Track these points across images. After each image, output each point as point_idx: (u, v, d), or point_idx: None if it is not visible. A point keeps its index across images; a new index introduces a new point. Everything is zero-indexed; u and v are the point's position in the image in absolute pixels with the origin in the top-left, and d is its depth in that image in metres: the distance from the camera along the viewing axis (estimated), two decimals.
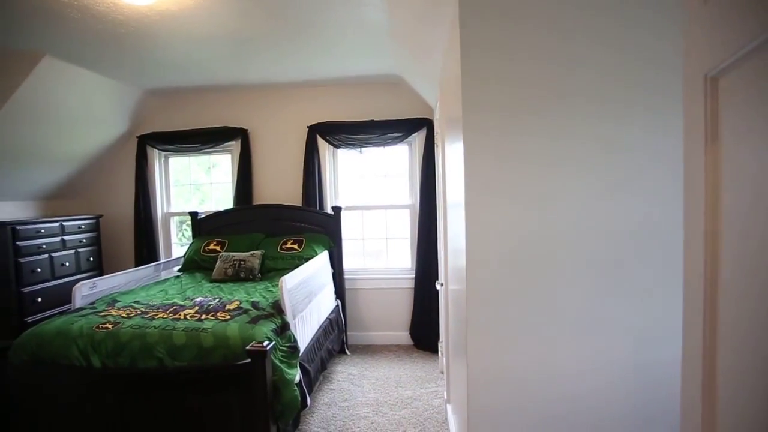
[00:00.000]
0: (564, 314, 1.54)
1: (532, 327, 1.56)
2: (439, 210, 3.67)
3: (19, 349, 2.49)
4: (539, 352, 1.56)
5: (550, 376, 1.56)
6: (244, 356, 2.26)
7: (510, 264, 1.55)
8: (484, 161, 1.54)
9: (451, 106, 2.11)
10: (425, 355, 4.27)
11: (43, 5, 2.52)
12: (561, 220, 1.53)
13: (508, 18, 1.50)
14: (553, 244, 1.53)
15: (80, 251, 4.30)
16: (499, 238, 1.55)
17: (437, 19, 2.06)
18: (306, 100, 4.57)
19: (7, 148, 3.69)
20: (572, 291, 1.54)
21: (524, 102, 1.51)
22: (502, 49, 1.51)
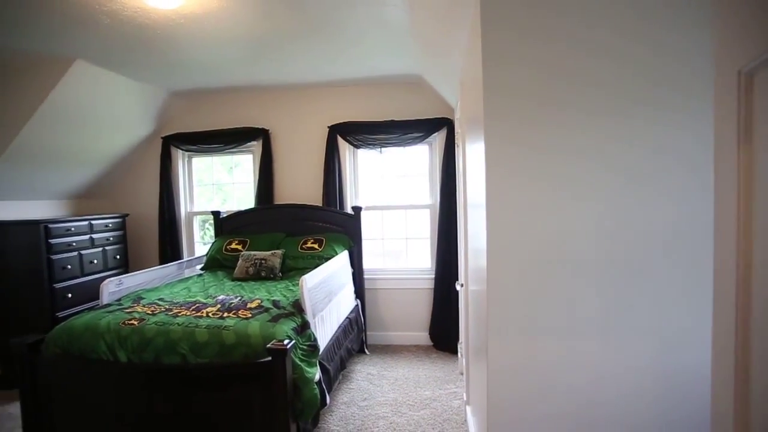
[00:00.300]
0: (586, 316, 1.52)
1: (554, 329, 1.54)
2: (460, 210, 3.65)
3: (51, 343, 2.57)
4: (561, 355, 1.54)
5: (572, 379, 1.53)
6: (264, 354, 2.29)
7: (531, 264, 1.53)
8: (506, 161, 1.53)
9: (472, 105, 2.09)
10: (444, 356, 4.25)
11: (76, 12, 2.60)
12: (583, 221, 1.50)
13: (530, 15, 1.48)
14: (575, 245, 1.51)
15: (107, 249, 4.42)
16: (520, 239, 1.53)
17: (458, 18, 2.04)
18: (327, 101, 4.60)
19: (41, 149, 3.81)
20: (595, 293, 1.51)
21: (547, 101, 1.49)
22: (524, 48, 1.49)
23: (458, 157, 3.66)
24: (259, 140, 4.69)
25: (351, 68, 3.95)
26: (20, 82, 3.52)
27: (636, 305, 1.50)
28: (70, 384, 2.48)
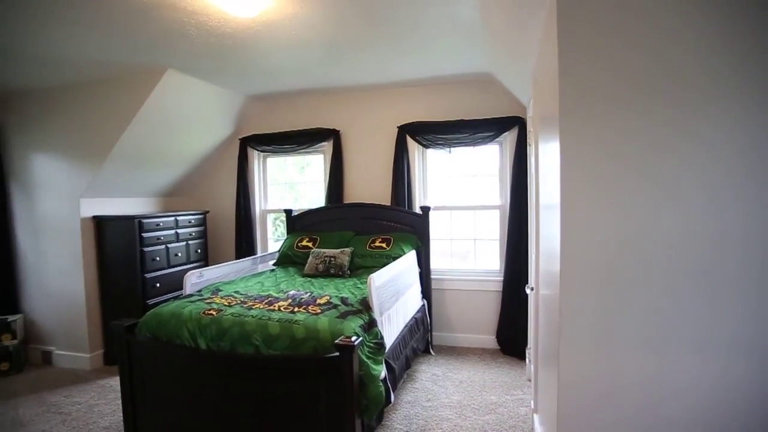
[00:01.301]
0: (672, 328, 1.40)
1: (633, 340, 1.44)
2: (531, 212, 3.53)
3: (143, 327, 2.81)
4: (640, 368, 1.44)
5: (652, 394, 1.43)
6: (332, 349, 2.35)
7: (609, 270, 1.45)
8: (582, 161, 1.45)
9: (546, 103, 2.02)
10: (511, 361, 4.14)
11: (167, 26, 2.83)
12: (670, 224, 1.39)
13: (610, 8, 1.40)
14: (659, 250, 1.40)
15: (190, 243, 4.76)
16: (598, 242, 1.45)
17: (532, 13, 1.98)
18: (396, 101, 4.63)
19: (136, 152, 4.19)
20: (683, 303, 1.39)
21: (627, 99, 1.40)
22: (603, 41, 1.41)
23: (530, 156, 3.54)
24: (330, 141, 4.82)
25: (420, 68, 3.95)
26: (120, 91, 3.89)
27: (732, 319, 1.36)
28: (158, 364, 2.71)
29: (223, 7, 2.55)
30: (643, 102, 1.39)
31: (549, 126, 1.86)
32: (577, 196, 1.47)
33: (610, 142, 1.42)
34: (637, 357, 1.44)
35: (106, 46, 3.17)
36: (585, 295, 1.48)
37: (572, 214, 1.48)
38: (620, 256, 1.44)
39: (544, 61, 2.00)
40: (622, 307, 1.44)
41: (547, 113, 1.97)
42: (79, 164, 4.11)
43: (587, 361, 1.49)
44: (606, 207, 1.44)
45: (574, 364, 1.50)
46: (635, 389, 1.44)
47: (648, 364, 1.43)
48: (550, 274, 1.89)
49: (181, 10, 2.60)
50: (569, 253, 1.48)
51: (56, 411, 3.40)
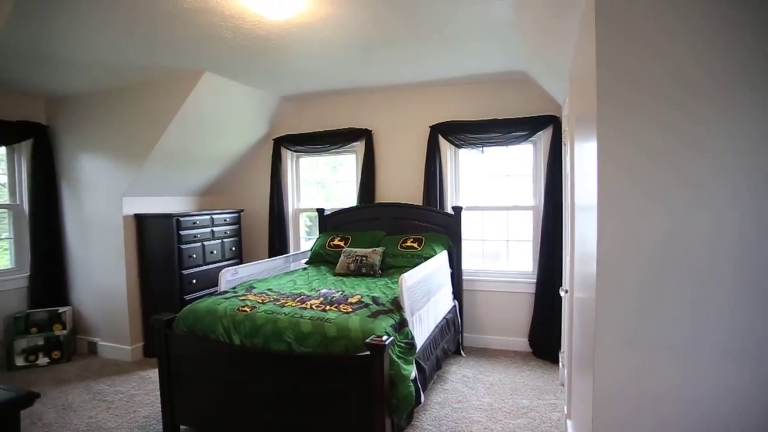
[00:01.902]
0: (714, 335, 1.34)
1: (672, 345, 1.38)
2: (566, 212, 3.45)
3: (181, 322, 2.91)
4: (680, 375, 1.38)
5: (691, 404, 1.37)
6: (363, 348, 2.37)
7: (647, 273, 1.40)
8: (620, 161, 1.41)
9: (582, 101, 1.96)
10: (544, 365, 4.06)
11: (204, 30, 2.91)
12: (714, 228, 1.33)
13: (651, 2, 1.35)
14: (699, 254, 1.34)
15: (225, 241, 4.88)
16: (635, 245, 1.40)
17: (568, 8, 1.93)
18: (428, 100, 4.61)
19: (175, 152, 4.33)
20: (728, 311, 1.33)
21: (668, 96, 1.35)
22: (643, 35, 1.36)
23: (565, 156, 3.46)
24: (362, 140, 4.85)
25: (453, 67, 3.92)
26: (160, 94, 4.03)
27: None
28: (194, 358, 2.79)
29: (258, 10, 2.60)
30: (686, 100, 1.34)
31: (586, 125, 1.81)
32: (615, 196, 1.42)
33: (650, 141, 1.38)
34: (677, 363, 1.38)
35: (146, 51, 3.29)
36: (622, 298, 1.43)
37: (609, 216, 1.44)
38: (659, 259, 1.39)
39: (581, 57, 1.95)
40: (660, 311, 1.39)
41: (583, 111, 1.92)
42: (122, 164, 4.28)
43: (624, 367, 1.44)
44: (644, 208, 1.39)
45: (610, 369, 1.46)
46: (674, 397, 1.39)
47: (688, 371, 1.37)
48: (585, 276, 1.85)
49: (218, 14, 2.67)
50: (606, 256, 1.44)
51: (101, 399, 3.56)
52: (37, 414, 3.30)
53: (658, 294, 1.39)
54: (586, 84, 1.76)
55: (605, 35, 1.41)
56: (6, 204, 4.49)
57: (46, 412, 3.36)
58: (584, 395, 1.84)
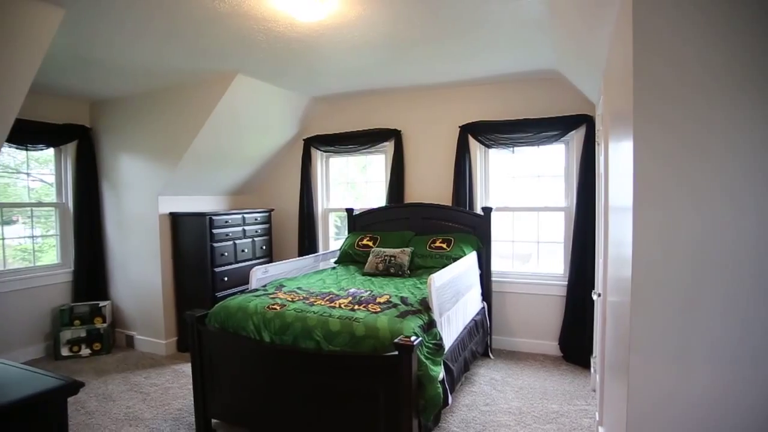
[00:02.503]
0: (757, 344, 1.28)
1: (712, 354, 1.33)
2: (599, 214, 3.36)
3: (213, 318, 2.98)
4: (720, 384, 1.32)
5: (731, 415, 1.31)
6: (391, 348, 2.37)
7: (686, 277, 1.35)
8: (657, 160, 1.36)
9: (617, 99, 1.91)
10: (575, 369, 3.96)
11: (237, 34, 2.98)
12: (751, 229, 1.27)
13: None
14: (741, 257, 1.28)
15: (256, 240, 4.97)
16: (674, 248, 1.36)
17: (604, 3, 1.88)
18: (458, 100, 4.58)
19: (208, 152, 4.44)
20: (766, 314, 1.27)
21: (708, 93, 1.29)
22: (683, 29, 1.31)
23: (599, 156, 3.37)
24: (392, 141, 4.85)
25: (484, 66, 3.88)
26: (194, 96, 4.15)
27: None
28: (226, 354, 2.86)
29: (290, 13, 2.64)
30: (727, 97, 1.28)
31: (621, 123, 1.76)
32: (652, 197, 1.38)
33: (689, 140, 1.33)
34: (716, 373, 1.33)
35: (182, 55, 3.39)
36: (659, 303, 1.39)
37: (646, 217, 1.39)
38: (698, 263, 1.34)
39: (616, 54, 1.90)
40: (699, 317, 1.34)
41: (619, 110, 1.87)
42: (158, 164, 4.42)
43: (660, 375, 1.39)
44: (683, 209, 1.35)
45: (645, 377, 1.42)
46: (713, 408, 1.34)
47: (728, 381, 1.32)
48: (619, 280, 1.80)
49: (251, 17, 2.72)
50: (642, 258, 1.40)
51: (138, 390, 3.69)
52: (80, 402, 3.46)
53: (697, 299, 1.34)
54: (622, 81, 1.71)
55: (643, 29, 1.37)
56: (53, 202, 4.71)
57: (88, 400, 3.51)
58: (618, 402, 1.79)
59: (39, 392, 1.09)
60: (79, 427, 3.11)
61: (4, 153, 4.20)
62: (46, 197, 4.71)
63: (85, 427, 3.13)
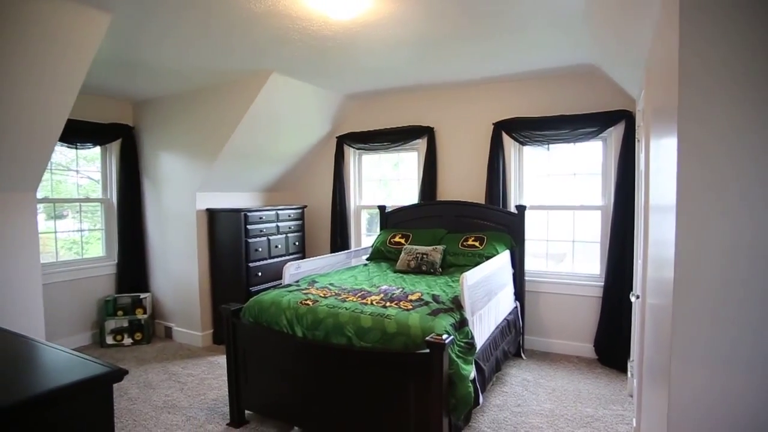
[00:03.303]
0: None
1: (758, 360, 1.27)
2: (638, 213, 3.25)
3: (247, 312, 3.05)
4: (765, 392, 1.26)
5: None
6: (423, 346, 2.37)
7: (732, 280, 1.29)
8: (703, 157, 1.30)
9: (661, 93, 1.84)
10: (610, 373, 3.85)
11: (272, 33, 3.03)
12: None
13: None
14: None
15: (289, 236, 5.06)
16: (719, 249, 1.30)
17: None
18: (491, 97, 4.52)
19: (244, 150, 4.55)
20: None
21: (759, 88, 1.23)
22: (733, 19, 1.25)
23: (639, 153, 3.26)
24: (424, 138, 4.83)
25: (518, 62, 3.81)
26: (230, 95, 4.25)
27: None
28: (259, 347, 2.92)
29: (324, 11, 2.66)
30: None
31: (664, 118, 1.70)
32: (696, 196, 1.32)
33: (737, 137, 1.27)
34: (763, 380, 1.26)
35: (220, 55, 3.47)
36: (702, 307, 1.33)
37: (689, 217, 1.34)
38: (745, 265, 1.27)
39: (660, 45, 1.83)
40: (746, 321, 1.28)
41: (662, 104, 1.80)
42: (196, 162, 4.56)
43: (704, 382, 1.34)
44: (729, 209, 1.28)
45: (687, 384, 1.36)
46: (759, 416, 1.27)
47: None
48: (660, 282, 1.73)
49: (286, 16, 2.77)
50: (685, 260, 1.35)
51: (175, 379, 3.83)
52: (123, 388, 3.62)
53: (742, 303, 1.28)
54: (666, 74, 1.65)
55: (690, 17, 1.31)
56: (99, 198, 4.93)
57: (130, 387, 3.67)
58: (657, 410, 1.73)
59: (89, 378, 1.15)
60: (122, 412, 3.26)
61: (56, 152, 4.42)
62: (93, 193, 4.93)
63: (127, 412, 3.27)
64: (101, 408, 1.19)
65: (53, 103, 2.92)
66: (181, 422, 3.12)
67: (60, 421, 1.11)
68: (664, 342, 1.55)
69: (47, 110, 2.92)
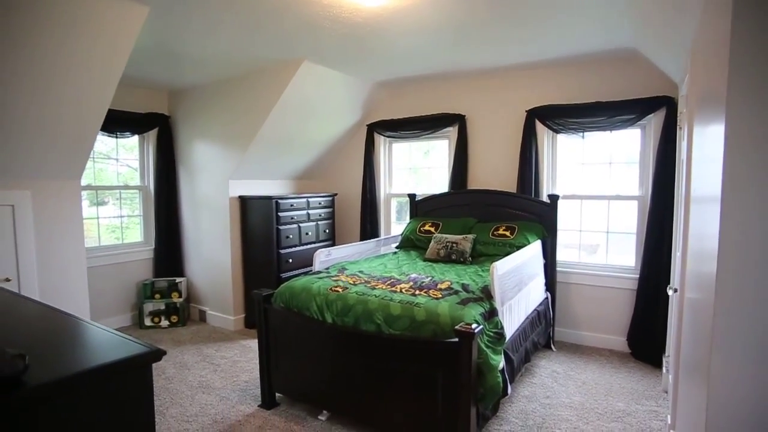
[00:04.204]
0: None
1: None
2: (678, 204, 3.14)
3: (278, 297, 3.12)
4: None
5: None
6: (452, 335, 2.37)
7: None
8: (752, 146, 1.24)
9: (708, 78, 1.75)
10: (644, 367, 3.76)
11: (303, 20, 3.04)
12: None
13: None
14: None
15: (319, 223, 5.11)
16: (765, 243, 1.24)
17: None
18: (525, 84, 4.41)
19: (275, 138, 4.61)
20: None
21: None
22: None
23: (680, 141, 3.13)
24: (455, 126, 4.78)
25: (553, 47, 3.70)
26: (262, 84, 4.30)
27: None
28: (290, 332, 2.99)
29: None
30: None
31: (711, 105, 1.62)
32: (743, 187, 1.26)
33: None
34: None
35: (251, 44, 3.51)
36: (745, 302, 1.28)
37: (735, 209, 1.28)
38: None
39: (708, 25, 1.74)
40: None
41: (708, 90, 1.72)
42: (229, 150, 4.65)
43: (744, 379, 1.29)
44: None
45: (728, 380, 1.32)
46: None
47: None
48: (701, 275, 1.67)
49: (317, 3, 2.77)
50: (729, 253, 1.29)
51: (209, 361, 3.96)
52: (161, 368, 3.77)
53: None
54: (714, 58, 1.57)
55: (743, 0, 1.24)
56: (137, 186, 5.10)
57: (168, 367, 3.82)
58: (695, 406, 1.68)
59: (131, 356, 1.21)
60: (160, 390, 3.40)
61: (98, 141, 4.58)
62: (131, 181, 5.11)
63: (165, 390, 3.41)
64: (142, 385, 1.25)
65: (95, 94, 3.02)
66: (214, 402, 3.24)
67: (107, 394, 1.18)
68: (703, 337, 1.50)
69: (90, 101, 3.04)
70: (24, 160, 3.08)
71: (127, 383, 1.21)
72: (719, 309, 1.32)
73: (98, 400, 1.15)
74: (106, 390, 1.17)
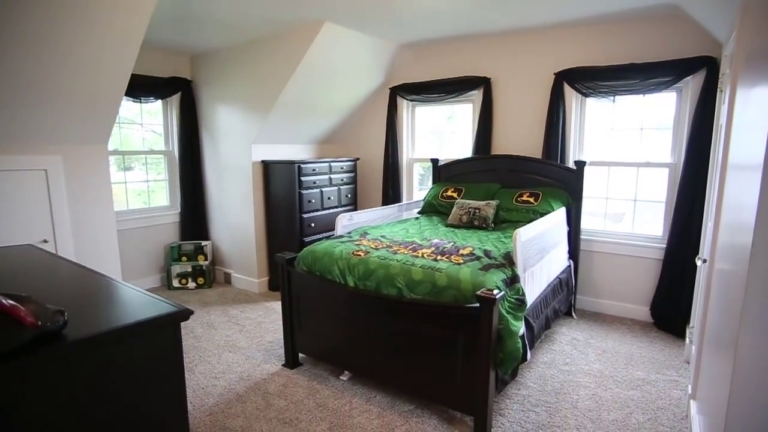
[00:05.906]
0: None
1: None
2: (713, 172, 3.02)
3: (301, 261, 3.17)
4: None
5: None
6: (473, 300, 2.38)
7: None
8: None
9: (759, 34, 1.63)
10: (666, 337, 3.73)
11: None
12: None
13: None
14: None
15: (341, 188, 5.12)
16: None
17: None
18: (553, 45, 4.22)
19: (297, 102, 4.57)
20: None
21: None
22: None
23: (720, 105, 2.98)
24: (480, 89, 4.64)
25: (584, 5, 3.50)
26: (283, 46, 4.22)
27: None
28: (312, 295, 3.05)
29: None
30: None
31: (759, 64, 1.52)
32: None
33: None
34: None
35: (272, 5, 3.43)
36: None
37: None
38: None
39: None
40: None
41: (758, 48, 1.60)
42: (251, 114, 4.64)
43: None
44: None
45: (755, 353, 1.29)
46: None
47: None
48: (734, 247, 1.62)
49: None
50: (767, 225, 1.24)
51: (235, 322, 4.10)
52: (189, 327, 3.92)
53: None
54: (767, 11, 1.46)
55: None
56: (162, 150, 5.17)
57: (195, 327, 3.97)
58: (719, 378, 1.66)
59: (162, 315, 1.27)
60: (188, 348, 3.55)
61: (122, 106, 4.63)
62: (156, 146, 5.17)
63: (193, 348, 3.56)
64: (172, 343, 1.31)
65: (117, 58, 3.02)
66: (240, 361, 3.36)
67: (140, 350, 1.24)
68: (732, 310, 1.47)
69: (112, 66, 3.04)
70: (53, 125, 3.14)
71: (157, 340, 1.26)
72: (752, 283, 1.28)
73: (131, 356, 1.21)
74: (139, 346, 1.22)
